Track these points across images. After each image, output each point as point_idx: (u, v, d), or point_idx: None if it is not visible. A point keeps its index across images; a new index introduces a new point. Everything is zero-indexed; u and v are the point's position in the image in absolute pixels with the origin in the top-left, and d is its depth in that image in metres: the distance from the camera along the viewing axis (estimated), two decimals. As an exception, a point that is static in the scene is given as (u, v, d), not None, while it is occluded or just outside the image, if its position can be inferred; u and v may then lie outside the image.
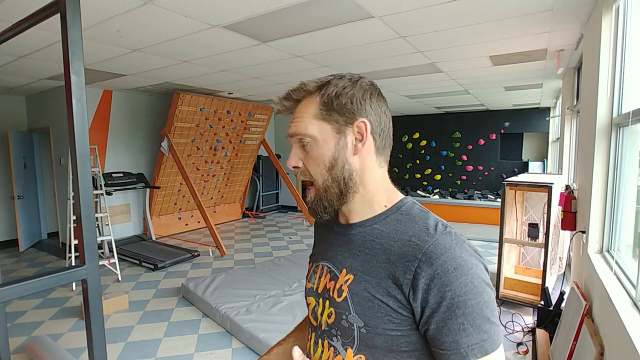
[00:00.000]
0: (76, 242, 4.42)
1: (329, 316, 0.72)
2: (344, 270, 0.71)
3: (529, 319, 3.20)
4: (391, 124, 0.73)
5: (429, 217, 0.68)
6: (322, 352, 0.74)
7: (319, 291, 0.75)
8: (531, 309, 3.29)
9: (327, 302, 0.72)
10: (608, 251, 2.18)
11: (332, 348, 0.71)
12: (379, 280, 0.65)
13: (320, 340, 0.75)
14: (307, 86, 0.72)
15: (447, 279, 0.59)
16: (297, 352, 0.72)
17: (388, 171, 0.75)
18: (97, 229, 5.06)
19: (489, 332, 0.60)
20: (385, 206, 0.71)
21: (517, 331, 3.04)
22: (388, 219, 0.69)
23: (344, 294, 0.69)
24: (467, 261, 0.61)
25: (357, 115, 0.68)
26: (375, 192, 0.71)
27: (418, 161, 9.49)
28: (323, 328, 0.73)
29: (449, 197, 8.32)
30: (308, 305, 0.80)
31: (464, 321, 0.59)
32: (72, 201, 4.43)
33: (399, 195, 0.73)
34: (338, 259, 0.73)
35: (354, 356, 0.67)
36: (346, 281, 0.69)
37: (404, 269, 0.62)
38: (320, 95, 0.70)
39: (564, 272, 3.81)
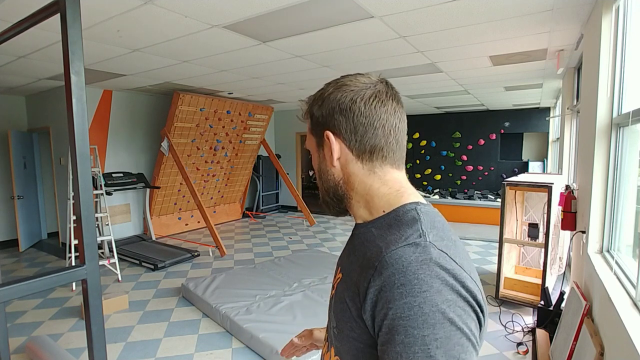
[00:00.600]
0: (76, 242, 4.42)
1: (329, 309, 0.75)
2: (339, 269, 0.73)
3: (529, 319, 3.20)
4: (394, 128, 0.67)
5: (414, 225, 0.59)
6: (324, 346, 0.77)
7: (333, 284, 0.78)
8: (531, 309, 3.29)
9: (331, 295, 0.75)
10: (608, 251, 2.18)
11: (327, 343, 0.75)
12: (350, 285, 0.62)
13: (327, 335, 0.78)
14: (305, 104, 0.74)
15: (392, 295, 0.52)
16: (295, 340, 0.76)
17: None
18: (97, 229, 5.06)
19: None
20: (384, 211, 0.67)
21: (517, 331, 3.04)
22: (383, 223, 0.66)
23: (333, 292, 0.72)
24: (422, 281, 0.51)
25: (324, 126, 0.69)
26: (369, 198, 0.68)
27: (418, 161, 9.50)
28: (329, 323, 0.76)
29: (449, 197, 8.31)
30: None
31: (403, 352, 0.50)
32: (72, 201, 4.43)
33: (403, 200, 0.66)
34: (342, 256, 0.75)
35: (334, 356, 0.68)
36: (337, 279, 0.71)
37: (364, 276, 0.58)
38: (309, 110, 0.73)
39: (564, 272, 3.81)
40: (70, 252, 4.46)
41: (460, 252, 0.59)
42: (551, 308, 2.84)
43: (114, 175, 5.75)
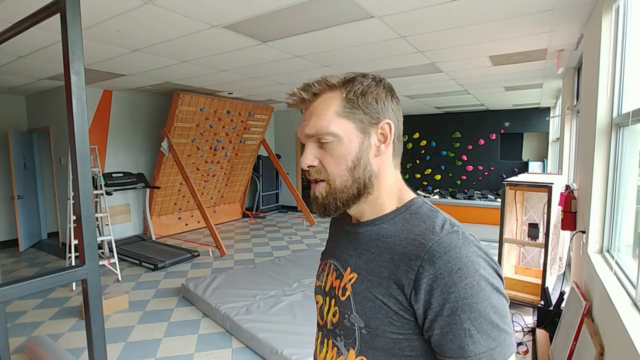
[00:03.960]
0: (76, 242, 4.42)
1: (334, 315, 0.71)
2: (349, 269, 0.69)
3: (529, 319, 3.20)
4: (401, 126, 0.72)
5: (437, 216, 0.65)
6: (327, 352, 0.73)
7: (326, 289, 0.74)
8: (531, 309, 3.29)
9: (333, 300, 0.71)
10: (608, 251, 2.17)
11: (335, 348, 0.70)
12: (381, 280, 0.62)
13: (325, 340, 0.74)
14: (330, 80, 0.68)
15: (451, 280, 0.56)
16: None
17: None
18: (97, 229, 5.06)
19: (498, 339, 0.56)
20: (396, 206, 0.69)
21: (517, 331, 3.03)
22: (396, 218, 0.67)
23: (347, 293, 0.67)
24: (473, 262, 0.57)
25: (382, 116, 0.67)
26: (388, 193, 0.69)
27: (418, 161, 9.50)
28: (328, 327, 0.72)
29: (449, 197, 8.32)
30: (317, 303, 0.79)
31: (470, 327, 0.55)
32: (72, 201, 4.43)
33: (410, 195, 0.71)
34: (344, 257, 0.72)
35: (355, 357, 0.66)
36: (350, 280, 0.68)
37: (406, 269, 0.59)
38: (345, 91, 0.66)
39: (564, 272, 3.81)
40: (70, 252, 4.46)
41: None
42: (551, 308, 2.84)
43: (114, 175, 5.75)
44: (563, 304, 2.75)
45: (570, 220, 2.78)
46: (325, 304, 0.74)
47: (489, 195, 8.06)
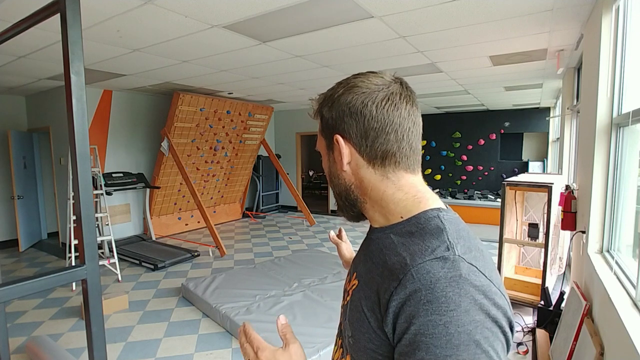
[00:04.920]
0: (76, 242, 4.42)
1: (343, 316, 0.72)
2: (355, 274, 0.69)
3: (529, 319, 3.20)
4: (407, 132, 0.64)
5: (440, 235, 0.57)
6: (336, 350, 0.74)
7: (346, 289, 0.74)
8: (531, 309, 3.29)
9: (345, 302, 0.72)
10: (608, 251, 2.18)
11: (341, 349, 0.71)
12: (370, 294, 0.60)
13: (337, 339, 0.76)
14: (316, 102, 0.71)
15: (416, 310, 0.50)
16: (282, 319, 0.68)
17: None
18: (97, 229, 5.06)
19: None
20: (402, 217, 0.64)
21: (517, 331, 3.03)
22: (402, 230, 0.63)
23: (348, 298, 0.67)
24: (450, 300, 0.49)
25: (333, 129, 0.66)
26: (384, 204, 0.65)
27: (418, 161, 9.48)
28: (341, 327, 0.73)
29: (449, 197, 8.32)
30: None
31: None
32: (72, 201, 4.43)
33: (422, 207, 0.63)
34: (356, 261, 0.72)
35: None
36: (353, 285, 0.67)
37: (386, 287, 0.56)
38: (322, 109, 0.69)
39: (564, 272, 3.81)
40: (70, 252, 4.46)
41: (488, 262, 0.56)
42: (551, 308, 2.84)
43: (114, 175, 5.75)
44: (563, 304, 2.75)
45: (570, 220, 2.78)
46: (344, 303, 0.75)
47: (489, 195, 8.07)
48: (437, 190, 9.10)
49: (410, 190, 0.65)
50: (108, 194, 5.18)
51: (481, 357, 0.48)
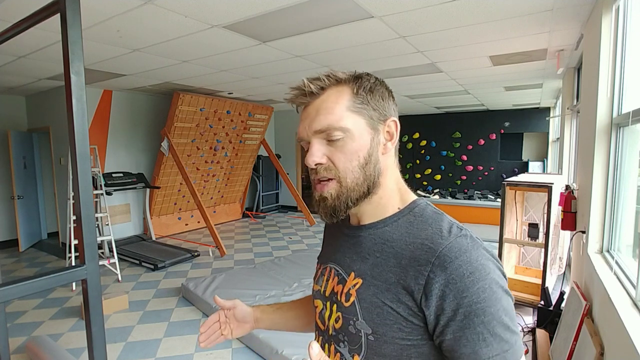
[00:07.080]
0: (76, 242, 4.42)
1: (336, 321, 0.69)
2: (352, 274, 0.67)
3: (529, 319, 3.20)
4: None
5: (443, 219, 0.64)
6: (329, 357, 0.72)
7: (327, 294, 0.72)
8: (531, 309, 3.29)
9: (335, 306, 0.69)
10: (608, 251, 2.17)
11: (338, 354, 0.69)
12: (389, 286, 0.61)
13: (327, 345, 0.72)
14: (338, 75, 0.66)
15: (464, 285, 0.55)
16: (315, 348, 0.53)
17: None
18: (97, 229, 5.06)
19: (510, 341, 0.56)
20: (398, 208, 0.68)
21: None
22: (400, 221, 0.66)
23: (352, 299, 0.65)
24: (484, 265, 0.57)
25: (388, 113, 0.68)
26: (390, 193, 0.68)
27: (418, 161, 9.50)
28: (330, 333, 0.71)
29: (449, 197, 8.31)
30: (315, 308, 0.77)
31: (484, 330, 0.55)
32: (72, 201, 4.43)
33: (411, 197, 0.70)
34: (346, 261, 0.70)
35: None
36: (354, 285, 0.66)
37: (415, 274, 0.58)
38: (355, 86, 0.65)
39: (564, 272, 3.81)
40: (70, 252, 4.46)
41: None
42: (551, 308, 2.84)
43: (114, 175, 5.75)
44: (563, 304, 2.75)
45: (570, 220, 2.78)
46: (325, 309, 0.72)
47: (489, 195, 8.06)
48: (437, 190, 9.10)
49: (401, 181, 0.72)
50: (108, 194, 5.18)
51: (509, 298, 0.59)
